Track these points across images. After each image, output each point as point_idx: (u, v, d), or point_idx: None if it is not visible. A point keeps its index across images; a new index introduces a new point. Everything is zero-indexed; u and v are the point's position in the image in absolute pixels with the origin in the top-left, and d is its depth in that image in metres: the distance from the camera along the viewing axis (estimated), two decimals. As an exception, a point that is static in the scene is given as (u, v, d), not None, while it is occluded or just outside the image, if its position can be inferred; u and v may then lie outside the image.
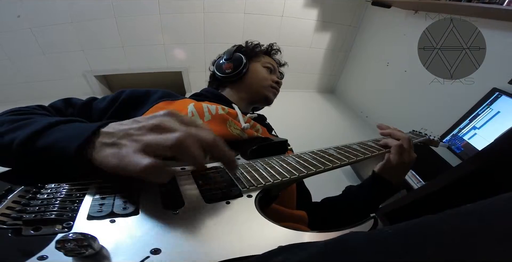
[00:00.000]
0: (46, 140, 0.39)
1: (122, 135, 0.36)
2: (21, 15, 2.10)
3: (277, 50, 1.06)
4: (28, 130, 0.40)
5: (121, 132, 0.36)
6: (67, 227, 0.29)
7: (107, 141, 0.36)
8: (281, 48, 1.07)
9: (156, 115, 0.39)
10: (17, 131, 0.42)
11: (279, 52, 1.07)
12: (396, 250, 0.20)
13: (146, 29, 2.41)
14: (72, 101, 0.69)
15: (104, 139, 0.36)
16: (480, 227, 0.19)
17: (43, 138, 0.39)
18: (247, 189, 0.40)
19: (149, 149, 0.33)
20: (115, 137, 0.36)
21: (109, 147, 0.35)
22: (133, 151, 0.33)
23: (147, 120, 0.37)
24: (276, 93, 0.96)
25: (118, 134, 0.36)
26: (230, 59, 0.92)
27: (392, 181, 0.69)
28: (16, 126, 0.44)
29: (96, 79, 2.68)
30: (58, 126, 0.42)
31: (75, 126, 0.42)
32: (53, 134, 0.40)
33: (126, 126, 0.37)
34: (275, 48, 1.05)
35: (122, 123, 0.39)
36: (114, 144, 0.35)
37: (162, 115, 0.38)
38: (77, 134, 0.37)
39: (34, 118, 0.48)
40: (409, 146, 0.68)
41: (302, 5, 2.55)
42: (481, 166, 0.73)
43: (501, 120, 1.42)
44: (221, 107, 0.72)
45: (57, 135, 0.39)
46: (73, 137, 0.37)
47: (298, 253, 0.25)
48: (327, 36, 2.82)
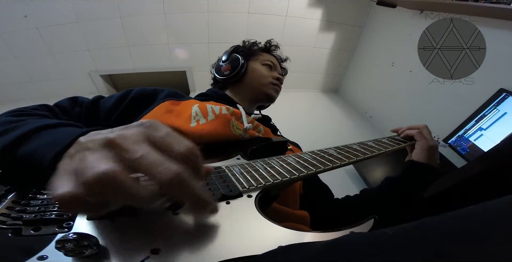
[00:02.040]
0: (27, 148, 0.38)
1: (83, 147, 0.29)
2: (28, 15, 2.12)
3: (275, 46, 1.05)
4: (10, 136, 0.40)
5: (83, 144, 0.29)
6: (67, 227, 0.29)
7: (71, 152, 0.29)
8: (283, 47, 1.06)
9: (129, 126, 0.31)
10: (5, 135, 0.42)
11: (277, 48, 1.06)
12: (396, 251, 0.20)
13: (150, 29, 2.42)
14: (78, 100, 0.69)
15: (73, 149, 0.29)
16: (480, 229, 0.18)
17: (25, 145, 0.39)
18: (247, 189, 0.40)
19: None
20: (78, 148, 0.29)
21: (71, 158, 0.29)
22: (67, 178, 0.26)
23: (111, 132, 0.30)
24: (277, 90, 0.96)
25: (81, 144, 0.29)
26: (228, 61, 0.92)
27: (432, 164, 0.71)
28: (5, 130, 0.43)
29: (102, 79, 2.70)
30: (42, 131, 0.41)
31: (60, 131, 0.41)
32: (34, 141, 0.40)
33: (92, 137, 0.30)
34: (273, 44, 1.04)
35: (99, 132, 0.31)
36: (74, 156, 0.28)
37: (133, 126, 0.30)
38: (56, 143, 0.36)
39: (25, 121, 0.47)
40: (429, 132, 0.75)
41: (306, 5, 2.54)
42: (487, 167, 0.72)
43: (508, 121, 1.40)
44: (225, 107, 0.72)
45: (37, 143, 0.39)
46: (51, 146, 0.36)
47: (298, 253, 0.25)
48: (332, 36, 2.81)
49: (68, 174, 0.25)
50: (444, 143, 1.64)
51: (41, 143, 0.38)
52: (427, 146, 0.71)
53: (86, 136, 0.30)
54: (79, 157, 0.26)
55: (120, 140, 0.27)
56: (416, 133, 0.74)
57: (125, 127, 0.30)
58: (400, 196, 0.70)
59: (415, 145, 0.74)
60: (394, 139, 0.74)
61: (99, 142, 0.27)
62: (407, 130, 0.77)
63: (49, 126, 0.42)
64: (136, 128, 0.29)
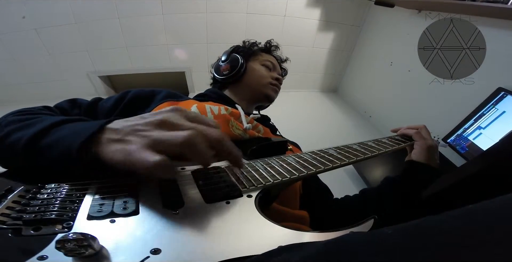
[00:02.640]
0: (51, 138, 0.39)
1: (128, 131, 0.36)
2: (26, 16, 2.11)
3: (275, 46, 1.05)
4: (34, 129, 0.41)
5: (128, 128, 0.36)
6: (67, 227, 0.29)
7: (113, 137, 0.36)
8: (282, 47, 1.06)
9: (162, 111, 0.38)
10: (23, 130, 0.43)
11: (277, 48, 1.05)
12: (396, 251, 0.20)
13: (149, 29, 2.42)
14: (77, 102, 0.69)
15: (111, 135, 0.36)
16: (480, 228, 0.18)
17: (48, 137, 0.40)
18: (247, 189, 0.40)
19: (157, 146, 0.33)
20: (122, 133, 0.36)
21: (116, 143, 0.35)
22: (141, 147, 0.33)
23: (153, 116, 0.37)
24: (276, 90, 0.95)
25: (124, 130, 0.36)
26: (227, 61, 0.92)
27: (431, 164, 0.71)
28: (22, 126, 0.44)
29: (100, 80, 2.69)
30: (63, 125, 0.42)
31: (80, 124, 0.43)
32: (58, 132, 0.40)
33: (132, 122, 0.37)
34: (273, 45, 1.04)
35: (128, 120, 0.39)
36: (121, 140, 0.35)
37: (168, 111, 0.38)
38: (82, 131, 0.37)
39: (40, 118, 0.49)
40: (427, 132, 0.74)
41: (304, 5, 2.55)
42: (486, 166, 0.72)
43: (506, 120, 1.40)
44: (224, 108, 0.72)
45: (62, 133, 0.40)
46: (77, 134, 0.37)
47: (298, 253, 0.25)
48: (330, 36, 2.81)
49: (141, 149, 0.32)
50: (444, 142, 1.64)
51: (66, 133, 0.39)
52: (426, 146, 0.71)
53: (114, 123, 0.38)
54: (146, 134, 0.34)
55: (170, 120, 0.36)
56: (415, 133, 0.74)
57: (159, 112, 0.38)
58: (400, 196, 0.70)
59: (414, 145, 0.73)
60: (394, 139, 0.74)
61: (152, 123, 0.36)
62: (405, 130, 0.77)
63: (66, 121, 0.44)
64: (170, 111, 0.38)
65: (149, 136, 0.34)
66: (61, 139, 0.38)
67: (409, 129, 0.76)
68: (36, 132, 0.40)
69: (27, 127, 0.43)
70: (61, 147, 0.37)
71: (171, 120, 0.36)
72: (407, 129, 0.77)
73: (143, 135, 0.34)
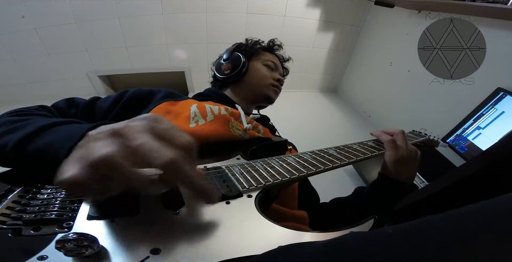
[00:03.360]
0: (38, 143, 0.39)
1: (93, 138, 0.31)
2: (26, 16, 2.11)
3: (278, 45, 1.03)
4: (21, 133, 0.40)
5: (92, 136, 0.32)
6: (67, 227, 0.29)
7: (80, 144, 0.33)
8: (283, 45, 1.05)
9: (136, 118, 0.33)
10: (11, 134, 0.42)
11: (280, 47, 1.04)
12: (397, 251, 0.20)
13: (149, 29, 2.41)
14: (75, 101, 0.69)
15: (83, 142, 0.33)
16: (480, 228, 0.18)
17: (35, 142, 0.39)
18: (247, 189, 0.40)
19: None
20: (87, 139, 0.32)
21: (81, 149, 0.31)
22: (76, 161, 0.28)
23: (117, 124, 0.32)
24: (277, 91, 0.94)
25: (90, 136, 0.33)
26: (229, 60, 0.91)
27: (399, 179, 0.64)
28: (10, 129, 0.44)
29: (100, 79, 2.69)
30: (52, 129, 0.42)
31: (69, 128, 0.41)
32: (46, 137, 0.40)
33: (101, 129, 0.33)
34: (276, 44, 1.02)
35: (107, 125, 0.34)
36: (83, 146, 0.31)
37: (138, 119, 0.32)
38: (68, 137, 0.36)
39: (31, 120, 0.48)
40: (403, 140, 0.65)
41: (304, 5, 2.55)
42: (485, 166, 0.72)
43: (505, 120, 1.41)
44: (224, 108, 0.72)
45: (48, 139, 0.39)
46: (64, 140, 0.36)
47: (298, 253, 0.25)
48: (330, 36, 2.81)
49: (74, 161, 0.27)
50: (443, 142, 1.64)
51: (53, 139, 0.39)
52: (394, 159, 0.62)
53: (95, 130, 0.33)
54: (86, 146, 0.29)
55: (124, 130, 0.30)
56: (387, 141, 0.64)
57: (131, 120, 0.32)
58: (368, 208, 0.67)
59: (384, 155, 0.65)
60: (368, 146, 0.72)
61: (105, 133, 0.30)
62: (381, 135, 0.68)
63: (57, 124, 0.43)
64: (141, 120, 0.32)
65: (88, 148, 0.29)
66: (48, 146, 0.38)
67: (384, 135, 0.67)
68: (22, 137, 0.39)
69: (15, 130, 0.43)
70: (48, 154, 0.36)
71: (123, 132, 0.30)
72: (382, 135, 0.67)
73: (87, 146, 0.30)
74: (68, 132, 0.39)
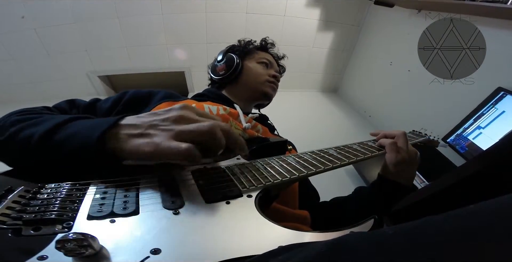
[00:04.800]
0: (67, 131, 0.40)
1: (147, 126, 0.39)
2: (25, 16, 2.11)
3: (271, 43, 1.04)
4: (48, 124, 0.42)
5: (146, 124, 0.39)
6: (67, 227, 0.29)
7: (133, 132, 0.38)
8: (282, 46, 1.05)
9: (173, 108, 0.41)
10: (34, 127, 0.43)
11: (273, 45, 1.04)
12: (397, 251, 0.20)
13: (148, 29, 2.42)
14: (76, 102, 0.69)
15: (129, 131, 0.38)
16: (481, 228, 0.18)
17: (62, 131, 0.41)
18: (247, 189, 0.40)
19: (181, 136, 0.37)
20: (141, 128, 0.38)
21: (138, 137, 0.38)
22: (167, 139, 0.36)
23: (167, 113, 0.40)
24: (274, 88, 0.95)
25: (142, 125, 0.39)
26: (223, 61, 0.92)
27: (399, 181, 0.65)
28: (32, 123, 0.45)
29: (100, 79, 2.69)
30: (76, 121, 0.44)
31: (93, 120, 0.44)
32: (73, 126, 0.42)
33: (147, 118, 0.40)
34: (268, 42, 1.03)
35: (140, 116, 0.42)
36: (143, 134, 0.38)
37: (180, 108, 0.41)
38: (97, 126, 0.39)
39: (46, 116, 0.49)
40: (404, 142, 0.65)
41: (304, 5, 2.55)
42: (486, 166, 0.72)
43: (506, 120, 1.41)
44: (222, 108, 0.72)
45: (76, 128, 0.41)
46: (93, 128, 0.38)
47: (298, 254, 0.25)
48: (330, 36, 2.81)
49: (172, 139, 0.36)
50: (443, 142, 1.64)
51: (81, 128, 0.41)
52: (395, 161, 0.62)
53: (128, 120, 0.40)
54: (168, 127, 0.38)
55: (186, 116, 0.40)
56: (389, 143, 0.63)
57: (170, 109, 0.41)
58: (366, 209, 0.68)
59: (385, 156, 0.65)
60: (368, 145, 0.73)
61: (169, 119, 0.39)
62: (381, 139, 0.68)
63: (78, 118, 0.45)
64: (183, 109, 0.41)
65: (171, 129, 0.38)
66: (77, 133, 0.39)
67: (384, 139, 0.67)
68: (49, 128, 0.41)
69: (37, 124, 0.44)
70: (79, 140, 0.38)
71: (187, 116, 0.40)
72: (383, 139, 0.67)
73: (165, 129, 0.38)
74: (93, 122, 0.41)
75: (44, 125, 0.42)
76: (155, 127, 0.38)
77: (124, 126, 0.39)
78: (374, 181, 0.69)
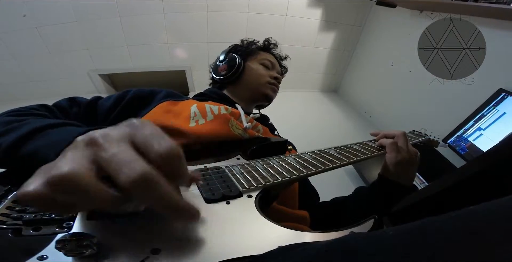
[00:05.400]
0: (29, 147, 0.39)
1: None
2: (27, 14, 2.11)
3: (274, 44, 1.03)
4: (13, 136, 0.41)
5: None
6: (67, 227, 0.29)
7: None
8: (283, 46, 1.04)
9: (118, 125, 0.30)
10: (5, 135, 0.42)
11: (276, 46, 1.04)
12: (397, 252, 0.20)
13: (150, 28, 2.42)
14: (77, 100, 0.69)
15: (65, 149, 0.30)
16: (481, 229, 0.18)
17: (27, 145, 0.39)
18: (247, 189, 0.40)
19: None
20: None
21: None
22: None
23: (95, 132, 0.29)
24: (275, 89, 0.94)
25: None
26: (225, 61, 0.92)
27: (399, 181, 0.64)
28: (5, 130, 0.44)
29: (101, 78, 2.69)
30: (45, 131, 0.42)
31: (61, 131, 0.42)
32: (37, 140, 0.40)
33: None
34: (271, 43, 1.03)
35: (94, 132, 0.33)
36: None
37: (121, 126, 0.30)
38: (57, 142, 0.36)
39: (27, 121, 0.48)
40: (404, 142, 0.65)
41: (306, 5, 2.54)
42: (486, 167, 0.72)
43: (507, 121, 1.40)
44: (224, 107, 0.72)
45: (39, 142, 0.39)
46: (53, 145, 0.36)
47: (298, 254, 0.25)
48: (331, 36, 2.81)
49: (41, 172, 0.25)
50: (444, 143, 1.64)
51: (44, 143, 0.39)
52: (395, 161, 0.62)
53: (84, 135, 0.28)
54: (60, 156, 0.26)
55: (100, 139, 0.26)
56: (389, 143, 0.64)
57: (114, 127, 0.29)
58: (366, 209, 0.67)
59: (385, 156, 0.65)
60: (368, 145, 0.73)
61: (84, 141, 0.27)
62: (381, 138, 0.68)
63: (50, 126, 0.43)
64: (123, 127, 0.29)
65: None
66: (38, 149, 0.38)
67: (384, 139, 0.67)
68: (14, 140, 0.40)
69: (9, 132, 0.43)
70: (39, 158, 0.36)
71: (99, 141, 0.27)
72: (383, 139, 0.68)
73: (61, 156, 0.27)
74: (59, 136, 0.39)
75: (13, 134, 0.41)
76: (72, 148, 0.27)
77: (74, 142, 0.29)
78: (374, 181, 0.69)
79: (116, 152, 0.25)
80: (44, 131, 0.42)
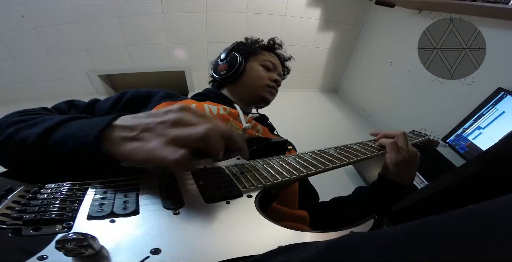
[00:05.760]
0: (63, 132, 0.40)
1: (142, 129, 0.37)
2: (26, 15, 2.11)
3: (278, 45, 1.01)
4: (44, 125, 0.41)
5: (141, 126, 0.37)
6: (67, 227, 0.29)
7: (127, 135, 0.36)
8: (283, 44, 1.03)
9: (171, 109, 0.39)
10: (31, 128, 0.43)
11: (280, 47, 1.02)
12: (397, 251, 0.20)
13: (149, 28, 2.41)
14: (75, 103, 0.69)
15: (123, 133, 0.37)
16: (480, 229, 0.18)
17: (59, 132, 0.40)
18: (247, 189, 0.40)
19: (176, 142, 0.35)
20: (135, 131, 0.36)
21: (131, 141, 0.36)
22: (161, 145, 0.34)
23: (165, 115, 0.38)
24: (273, 93, 0.93)
25: (137, 128, 0.37)
26: (226, 60, 0.90)
27: (399, 181, 0.65)
28: (29, 124, 0.44)
29: (100, 79, 2.69)
30: (73, 121, 0.43)
31: (90, 120, 0.43)
32: (68, 127, 0.41)
33: (143, 120, 0.38)
34: (276, 43, 1.01)
35: (137, 116, 0.40)
36: (136, 138, 0.36)
37: (177, 110, 0.39)
38: (94, 125, 0.38)
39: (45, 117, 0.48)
40: (404, 142, 0.65)
41: (305, 5, 2.55)
42: (485, 166, 0.72)
43: (506, 120, 1.41)
44: (222, 108, 0.72)
45: (72, 128, 0.40)
46: (91, 128, 0.37)
47: (298, 254, 0.25)
48: (330, 36, 2.81)
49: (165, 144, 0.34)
50: (443, 142, 1.64)
51: (77, 128, 0.40)
52: (395, 161, 0.62)
53: (122, 120, 0.39)
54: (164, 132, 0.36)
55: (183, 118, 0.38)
56: (389, 143, 0.64)
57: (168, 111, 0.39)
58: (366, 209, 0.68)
59: (385, 156, 0.65)
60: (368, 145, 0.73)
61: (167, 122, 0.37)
62: (381, 138, 0.68)
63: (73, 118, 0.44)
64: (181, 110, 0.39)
65: (167, 134, 0.36)
66: (74, 133, 0.39)
67: (384, 139, 0.67)
68: (46, 128, 0.40)
69: (34, 125, 0.43)
70: (76, 140, 0.37)
71: (184, 119, 0.38)
72: (383, 139, 0.67)
73: (161, 133, 0.36)
74: (89, 122, 0.40)
75: (40, 126, 0.41)
76: (149, 130, 0.36)
77: (119, 127, 0.38)
78: (374, 181, 0.69)
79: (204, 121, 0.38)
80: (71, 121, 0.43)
